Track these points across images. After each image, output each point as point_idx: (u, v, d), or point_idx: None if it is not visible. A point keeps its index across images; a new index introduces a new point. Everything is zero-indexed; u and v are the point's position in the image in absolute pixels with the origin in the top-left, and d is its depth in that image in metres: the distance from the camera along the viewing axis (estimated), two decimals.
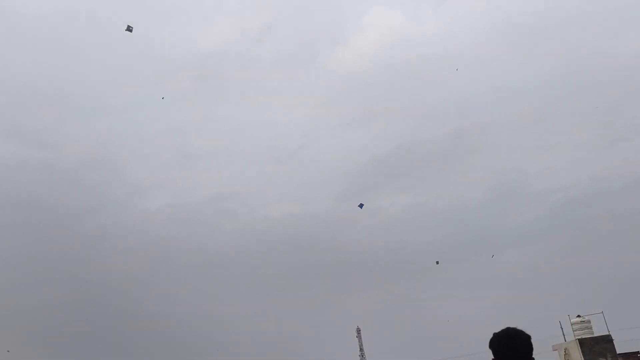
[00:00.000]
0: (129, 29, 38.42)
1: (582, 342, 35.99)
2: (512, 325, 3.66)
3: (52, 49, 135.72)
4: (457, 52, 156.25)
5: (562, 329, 40.08)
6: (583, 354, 36.07)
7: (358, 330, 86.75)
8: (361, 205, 46.85)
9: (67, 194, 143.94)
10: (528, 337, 3.50)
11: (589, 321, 37.53)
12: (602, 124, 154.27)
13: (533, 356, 3.53)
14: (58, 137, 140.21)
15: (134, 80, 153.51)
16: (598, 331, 37.88)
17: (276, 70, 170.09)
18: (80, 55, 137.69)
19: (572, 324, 37.87)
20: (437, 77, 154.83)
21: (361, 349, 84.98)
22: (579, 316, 37.97)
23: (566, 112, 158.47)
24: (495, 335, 3.57)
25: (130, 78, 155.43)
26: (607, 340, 36.85)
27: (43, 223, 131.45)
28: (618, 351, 38.57)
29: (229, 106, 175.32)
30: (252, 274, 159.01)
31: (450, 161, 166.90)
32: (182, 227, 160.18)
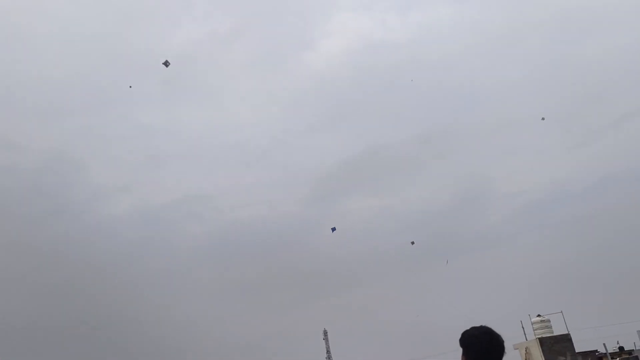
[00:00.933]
0: (166, 63, 38.24)
1: (543, 341, 36.65)
2: (475, 325, 3.40)
3: (11, 47, 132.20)
4: (423, 57, 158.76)
5: (523, 328, 40.75)
6: (543, 353, 36.73)
7: (325, 333, 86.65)
8: (333, 229, 47.70)
9: (28, 197, 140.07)
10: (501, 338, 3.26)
11: (548, 320, 38.28)
12: (563, 130, 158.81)
13: None
14: (18, 138, 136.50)
15: (98, 82, 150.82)
16: (558, 330, 38.68)
17: (245, 73, 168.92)
18: (42, 55, 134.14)
19: (532, 324, 38.56)
20: (404, 82, 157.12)
21: (328, 351, 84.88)
22: (539, 316, 38.70)
23: (529, 118, 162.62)
24: (471, 333, 3.28)
25: (95, 80, 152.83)
26: (566, 339, 37.64)
27: (2, 228, 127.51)
28: (577, 350, 39.43)
29: (196, 109, 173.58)
30: (220, 278, 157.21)
31: (418, 165, 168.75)
32: (149, 230, 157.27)
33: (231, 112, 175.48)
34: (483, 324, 3.31)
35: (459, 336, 3.36)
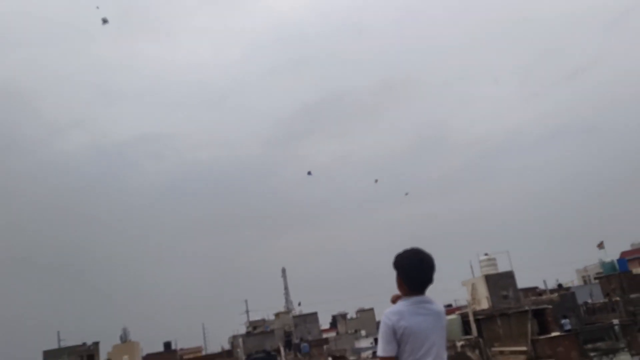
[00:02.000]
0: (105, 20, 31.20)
1: (488, 278, 38.61)
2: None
3: None
4: (388, 4, 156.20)
5: (471, 267, 42.80)
6: (488, 289, 38.75)
7: (283, 271, 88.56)
8: (309, 173, 47.90)
9: None
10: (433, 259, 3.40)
11: (494, 259, 40.21)
12: (519, 80, 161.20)
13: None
14: None
15: (49, 15, 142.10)
16: (503, 268, 40.69)
17: (203, 8, 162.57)
18: None
19: (480, 262, 40.42)
20: (368, 28, 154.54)
21: (286, 288, 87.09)
22: (486, 254, 40.56)
23: (486, 68, 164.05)
24: (403, 255, 3.36)
25: (46, 13, 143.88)
26: (510, 276, 39.71)
27: None
28: (519, 286, 41.77)
29: (153, 44, 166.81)
30: (180, 217, 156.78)
31: (379, 111, 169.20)
32: (105, 167, 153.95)
33: (190, 50, 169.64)
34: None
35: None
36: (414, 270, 3.29)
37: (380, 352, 3.19)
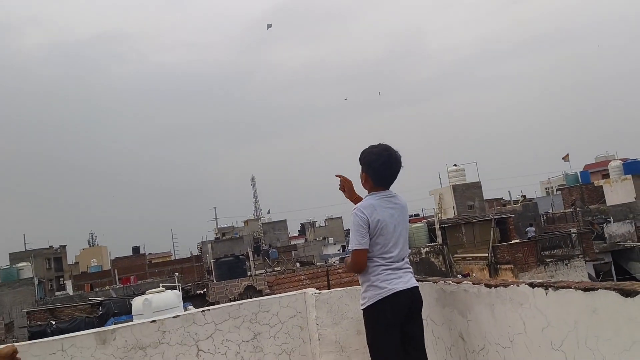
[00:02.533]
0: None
1: (455, 188, 39.03)
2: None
3: None
4: None
5: (439, 177, 43.14)
6: (455, 199, 39.29)
7: (253, 179, 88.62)
8: (269, 26, 45.66)
9: None
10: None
11: (463, 169, 40.49)
12: None
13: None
14: None
15: None
16: (471, 179, 41.09)
17: None
18: None
19: (448, 172, 40.66)
20: None
21: (255, 196, 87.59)
22: (455, 165, 40.75)
23: None
24: (371, 151, 3.34)
25: None
26: (476, 186, 40.20)
27: None
28: (485, 197, 42.53)
29: None
30: (147, 123, 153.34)
31: (352, 15, 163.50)
32: (65, 69, 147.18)
33: None
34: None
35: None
36: (383, 166, 3.30)
37: (354, 246, 3.19)
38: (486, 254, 27.68)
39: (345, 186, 3.60)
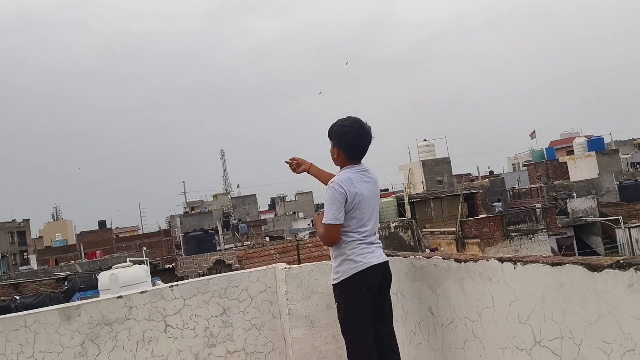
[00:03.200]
0: None
1: (425, 163, 39.44)
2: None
3: None
4: None
5: (409, 153, 43.47)
6: (424, 174, 39.72)
7: (222, 153, 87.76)
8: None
9: None
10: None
11: (433, 145, 40.87)
12: None
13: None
14: None
15: None
16: (440, 154, 41.54)
17: None
18: None
19: (418, 147, 41.00)
20: None
21: (224, 170, 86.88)
22: (425, 140, 41.08)
23: None
24: (342, 123, 3.28)
25: None
26: (445, 162, 40.69)
27: None
28: (454, 173, 43.12)
29: None
30: (112, 93, 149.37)
31: None
32: (25, 38, 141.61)
33: None
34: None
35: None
36: (355, 138, 3.24)
37: (330, 219, 3.11)
38: (454, 229, 28.20)
39: (296, 163, 3.69)
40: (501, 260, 2.61)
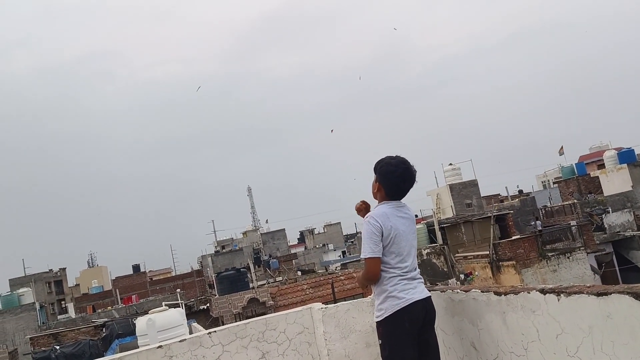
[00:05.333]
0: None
1: (452, 187, 39.02)
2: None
3: None
4: None
5: (435, 177, 43.11)
6: (452, 198, 39.27)
7: (249, 189, 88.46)
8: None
9: None
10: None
11: (459, 168, 40.48)
12: None
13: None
14: None
15: None
16: (467, 177, 41.09)
17: None
18: None
19: (444, 172, 40.66)
20: None
21: (252, 206, 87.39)
22: (450, 164, 40.76)
23: None
24: (389, 162, 3.33)
25: None
26: (473, 184, 40.21)
27: None
28: (482, 194, 42.54)
29: None
30: (141, 139, 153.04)
31: (339, 19, 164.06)
32: (56, 89, 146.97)
33: None
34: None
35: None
36: (399, 178, 3.30)
37: (367, 254, 3.16)
38: (487, 252, 27.66)
39: (365, 207, 3.64)
40: (543, 291, 2.55)
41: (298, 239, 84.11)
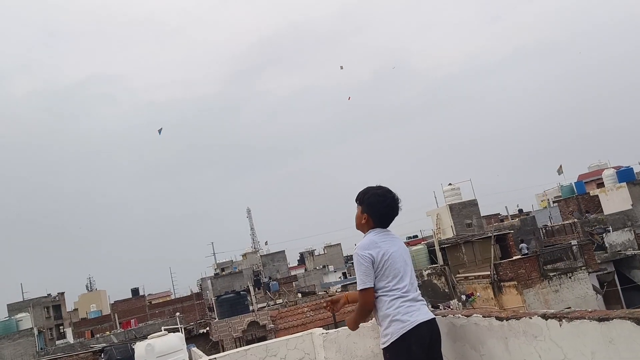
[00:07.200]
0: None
1: (452, 207, 38.99)
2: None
3: None
4: None
5: (435, 197, 43.11)
6: (452, 218, 39.19)
7: (248, 211, 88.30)
8: (160, 131, 41.65)
9: None
10: None
11: (458, 188, 40.49)
12: (480, 2, 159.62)
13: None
14: None
15: None
16: (466, 197, 41.07)
17: None
18: None
19: (444, 192, 40.65)
20: None
21: (252, 228, 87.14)
22: (450, 184, 40.78)
23: None
24: (375, 192, 3.39)
25: None
26: (473, 204, 40.17)
27: None
28: (482, 214, 42.46)
29: None
30: (140, 161, 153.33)
31: (338, 40, 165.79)
32: (56, 113, 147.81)
33: None
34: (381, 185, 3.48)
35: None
36: (387, 208, 3.35)
37: (360, 285, 3.18)
38: (488, 272, 27.52)
39: (331, 303, 3.73)
40: (545, 317, 2.54)
41: (298, 260, 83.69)
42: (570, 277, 26.74)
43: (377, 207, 3.34)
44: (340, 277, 67.01)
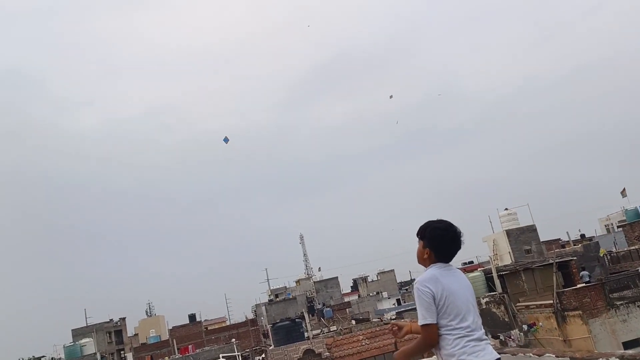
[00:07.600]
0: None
1: (509, 233, 37.98)
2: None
3: None
4: None
5: (490, 222, 42.10)
6: (510, 244, 38.15)
7: (301, 237, 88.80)
8: (226, 139, 41.91)
9: None
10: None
11: (515, 213, 39.46)
12: (532, 22, 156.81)
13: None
14: None
15: None
16: (524, 222, 39.94)
17: None
18: None
19: (500, 217, 39.70)
20: None
21: (305, 254, 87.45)
22: (506, 209, 39.80)
23: (497, 11, 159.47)
24: (437, 226, 3.37)
25: None
26: (531, 229, 39.00)
27: None
28: (541, 239, 41.10)
29: (150, 15, 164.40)
30: (196, 189, 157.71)
31: (388, 66, 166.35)
32: (119, 144, 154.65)
33: (187, 16, 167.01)
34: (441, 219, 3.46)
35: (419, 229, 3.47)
36: (447, 243, 3.32)
37: (422, 321, 3.14)
38: (551, 301, 26.50)
39: (397, 328, 3.71)
40: (623, 358, 2.55)
41: (351, 287, 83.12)
42: (639, 306, 25.40)
43: (439, 241, 3.30)
44: (394, 304, 66.04)
